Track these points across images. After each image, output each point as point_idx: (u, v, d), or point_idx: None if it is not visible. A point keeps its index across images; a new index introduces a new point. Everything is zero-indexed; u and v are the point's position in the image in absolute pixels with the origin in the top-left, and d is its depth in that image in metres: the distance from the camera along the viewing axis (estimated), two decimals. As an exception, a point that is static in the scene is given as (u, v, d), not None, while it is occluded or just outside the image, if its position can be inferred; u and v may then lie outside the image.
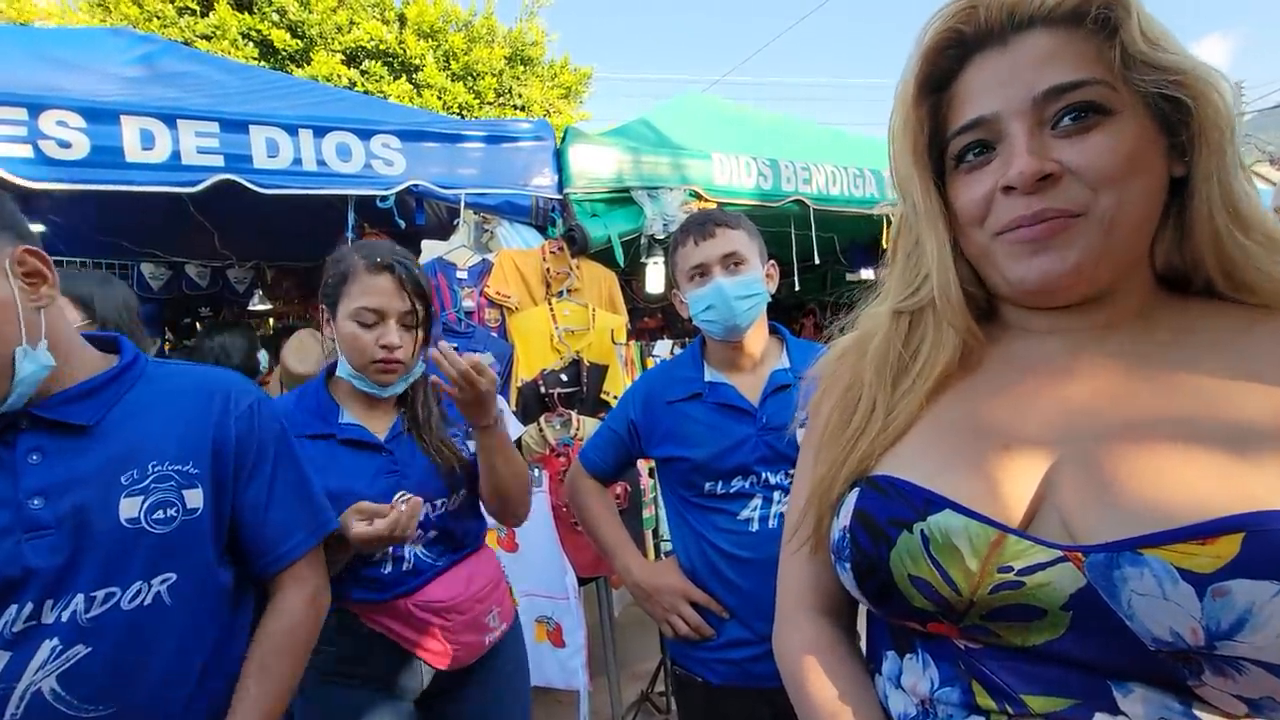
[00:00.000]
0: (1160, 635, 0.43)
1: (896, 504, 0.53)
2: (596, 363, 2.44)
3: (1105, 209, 0.49)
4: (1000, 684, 0.48)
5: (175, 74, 2.49)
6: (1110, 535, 0.45)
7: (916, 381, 0.59)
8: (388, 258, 1.17)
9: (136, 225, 3.74)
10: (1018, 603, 0.47)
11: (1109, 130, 0.49)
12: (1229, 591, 0.41)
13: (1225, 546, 0.41)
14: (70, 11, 6.89)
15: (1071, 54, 0.49)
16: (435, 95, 7.34)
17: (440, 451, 1.22)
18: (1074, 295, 0.53)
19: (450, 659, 1.19)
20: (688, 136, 2.94)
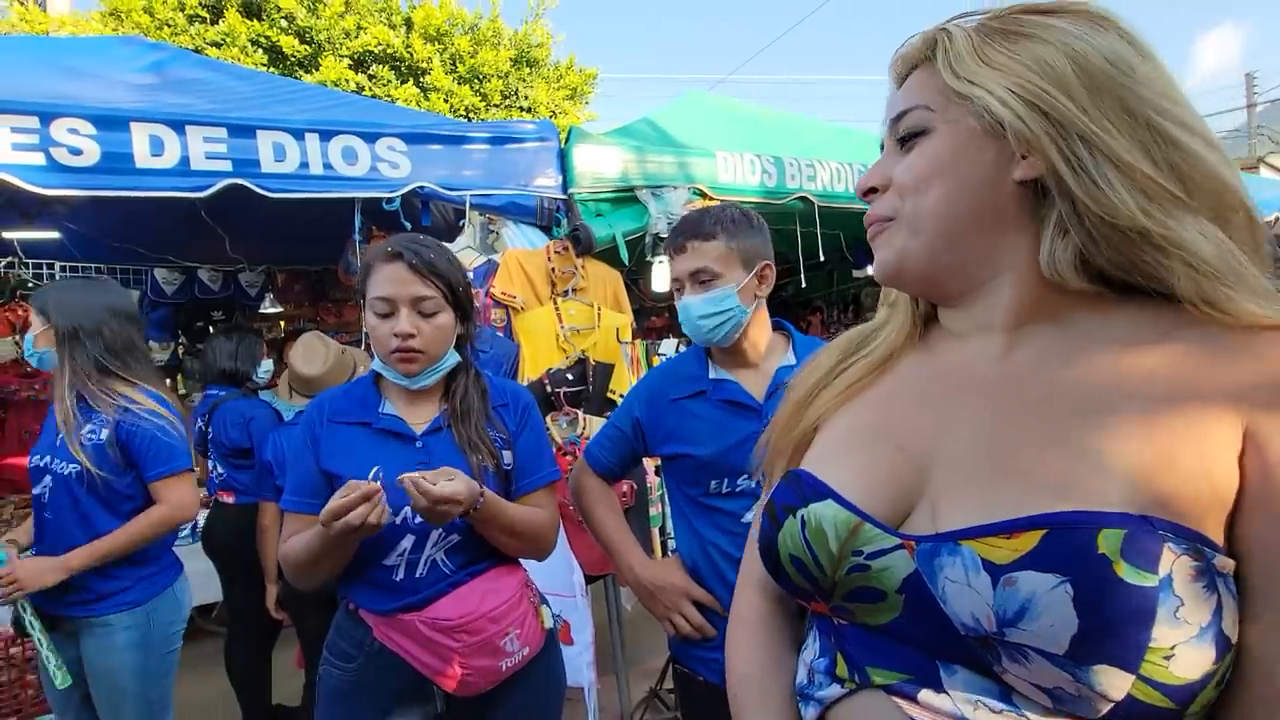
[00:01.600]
0: (966, 620, 0.47)
1: (792, 492, 0.60)
2: (602, 361, 2.45)
3: (907, 213, 0.57)
4: (853, 656, 0.54)
5: (185, 81, 2.52)
6: (949, 528, 0.50)
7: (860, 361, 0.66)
8: (397, 246, 1.16)
9: (150, 231, 3.80)
10: (865, 585, 0.53)
11: (920, 147, 0.57)
12: (1015, 581, 0.44)
13: (1025, 541, 0.45)
14: (83, 21, 7.00)
15: (912, 87, 0.59)
16: (442, 98, 7.38)
17: (474, 445, 1.18)
18: (915, 287, 0.61)
19: (460, 683, 1.11)
20: (692, 135, 2.95)
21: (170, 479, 1.62)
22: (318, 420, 1.21)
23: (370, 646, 1.15)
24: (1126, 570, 0.41)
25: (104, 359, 1.61)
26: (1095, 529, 0.43)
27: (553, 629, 1.26)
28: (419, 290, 1.15)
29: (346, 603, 1.20)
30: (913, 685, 0.50)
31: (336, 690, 1.18)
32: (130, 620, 1.61)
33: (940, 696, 0.48)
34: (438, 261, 1.17)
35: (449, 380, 1.25)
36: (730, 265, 1.24)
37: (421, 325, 1.16)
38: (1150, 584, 0.41)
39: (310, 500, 1.16)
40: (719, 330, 1.24)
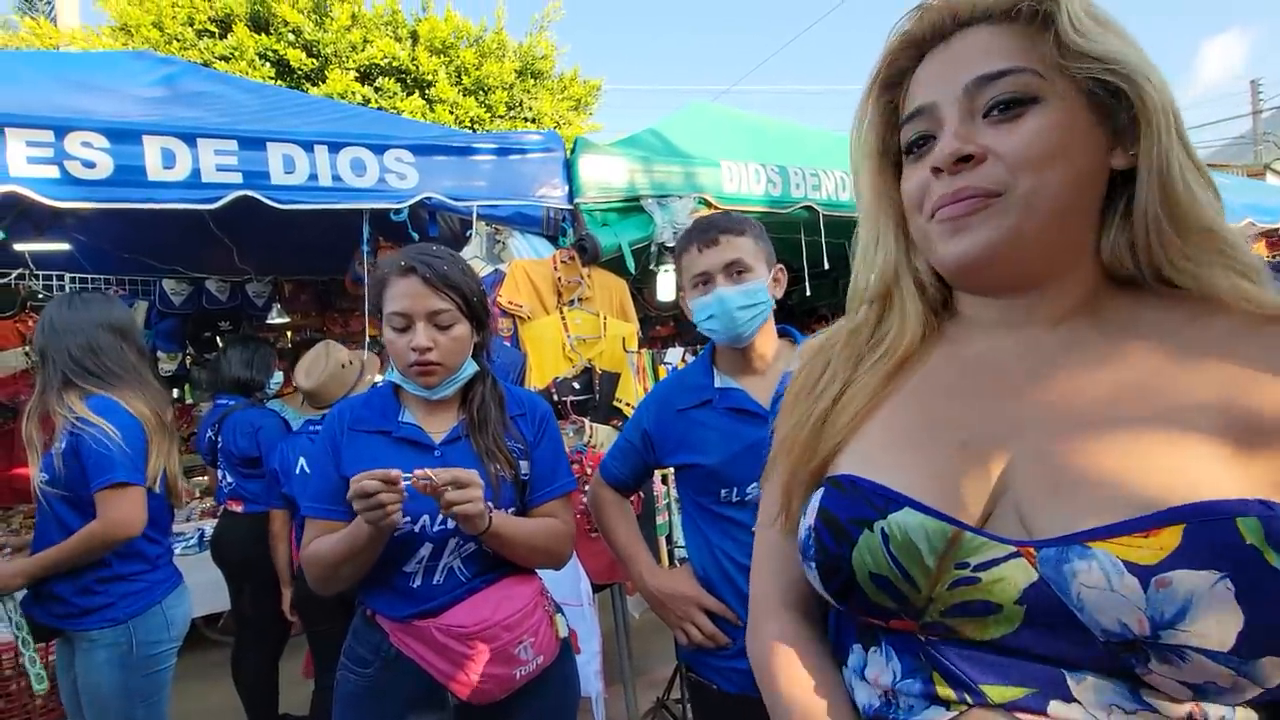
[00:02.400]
0: (1109, 626, 0.44)
1: (858, 503, 0.54)
2: (608, 370, 2.46)
3: (1023, 191, 0.50)
4: (960, 674, 0.49)
5: (195, 94, 2.56)
6: (1061, 530, 0.46)
7: (879, 362, 0.60)
8: (411, 260, 1.17)
9: (158, 243, 3.83)
10: (974, 599, 0.48)
11: (1034, 117, 0.51)
12: (1171, 582, 0.42)
13: (1168, 538, 0.42)
14: (94, 36, 7.09)
15: (1003, 46, 0.52)
16: (447, 110, 7.45)
17: (491, 454, 1.18)
18: (998, 276, 0.54)
19: (474, 691, 1.11)
20: (697, 145, 2.97)
21: (107, 491, 1.54)
22: (338, 428, 1.22)
23: (386, 652, 1.16)
24: (1275, 558, 0.41)
25: (68, 372, 1.60)
26: (1232, 518, 0.42)
27: (566, 638, 1.26)
28: (434, 304, 1.16)
29: (364, 609, 1.21)
30: (1038, 699, 0.46)
31: (353, 695, 1.19)
32: (113, 637, 1.58)
33: (1071, 706, 0.45)
34: (451, 273, 1.18)
35: (466, 389, 1.26)
36: (759, 260, 1.26)
37: (438, 338, 1.16)
38: None
39: (331, 507, 1.17)
40: (753, 323, 1.24)
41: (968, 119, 0.52)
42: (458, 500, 1.03)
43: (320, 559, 1.14)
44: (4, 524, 3.42)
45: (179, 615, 1.72)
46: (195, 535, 3.11)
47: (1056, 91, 0.51)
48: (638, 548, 1.37)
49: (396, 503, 1.02)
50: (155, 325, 4.50)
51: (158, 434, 1.66)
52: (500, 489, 1.17)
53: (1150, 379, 0.49)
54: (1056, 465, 0.48)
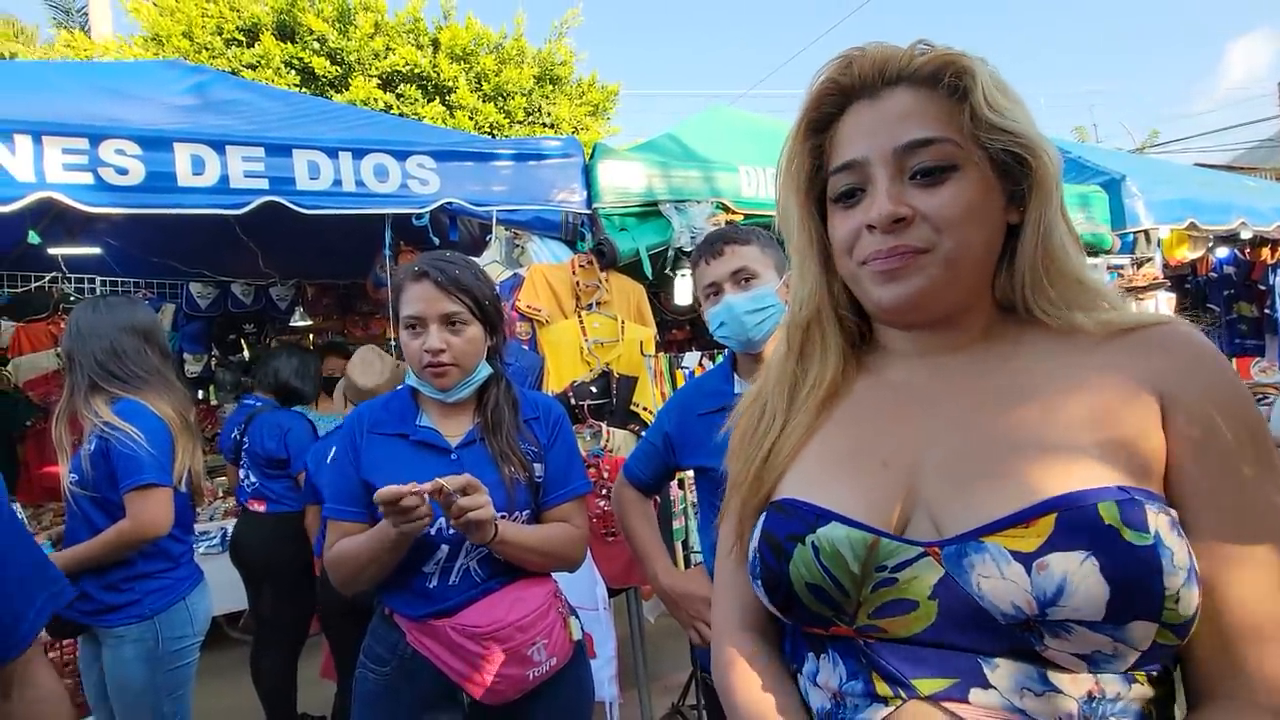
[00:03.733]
0: (1006, 610, 0.50)
1: (793, 521, 0.60)
2: (626, 374, 2.46)
3: (947, 249, 0.58)
4: (894, 672, 0.54)
5: (224, 102, 2.62)
6: (961, 528, 0.53)
7: (809, 394, 0.67)
8: (424, 265, 1.20)
9: (185, 247, 3.92)
10: (895, 598, 0.54)
11: (955, 183, 0.58)
12: (1048, 565, 0.49)
13: (1043, 527, 0.50)
14: (126, 46, 7.28)
15: (928, 112, 0.58)
16: (467, 116, 7.53)
17: (505, 457, 1.20)
18: (923, 316, 0.61)
19: (488, 690, 1.12)
20: (715, 150, 2.97)
21: (136, 492, 1.58)
22: (358, 431, 1.24)
23: (403, 651, 1.18)
24: (1130, 535, 0.48)
25: (94, 376, 1.64)
26: (1094, 504, 0.49)
27: (581, 641, 1.27)
28: (446, 306, 1.19)
29: (383, 608, 1.24)
30: (960, 688, 0.52)
31: (371, 694, 1.21)
32: (138, 633, 1.62)
33: (989, 693, 0.51)
34: (463, 277, 1.20)
35: (481, 392, 1.27)
36: (766, 267, 1.29)
37: (451, 340, 1.19)
38: (1148, 542, 0.48)
39: (351, 509, 1.20)
40: (762, 327, 1.26)
41: (897, 180, 0.59)
42: (468, 506, 1.04)
43: (344, 561, 1.16)
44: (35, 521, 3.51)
45: (201, 611, 1.76)
46: (218, 534, 3.17)
47: (971, 159, 0.58)
48: (656, 548, 1.39)
49: (424, 511, 1.04)
50: (182, 328, 4.60)
51: (182, 434, 1.70)
52: (514, 491, 1.19)
53: (1031, 392, 0.57)
54: (956, 472, 0.56)
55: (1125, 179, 3.70)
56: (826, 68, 0.63)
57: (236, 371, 4.81)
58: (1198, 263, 5.08)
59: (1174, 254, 4.13)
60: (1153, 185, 3.82)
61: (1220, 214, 3.92)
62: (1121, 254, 3.68)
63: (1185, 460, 0.53)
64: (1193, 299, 5.56)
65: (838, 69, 0.62)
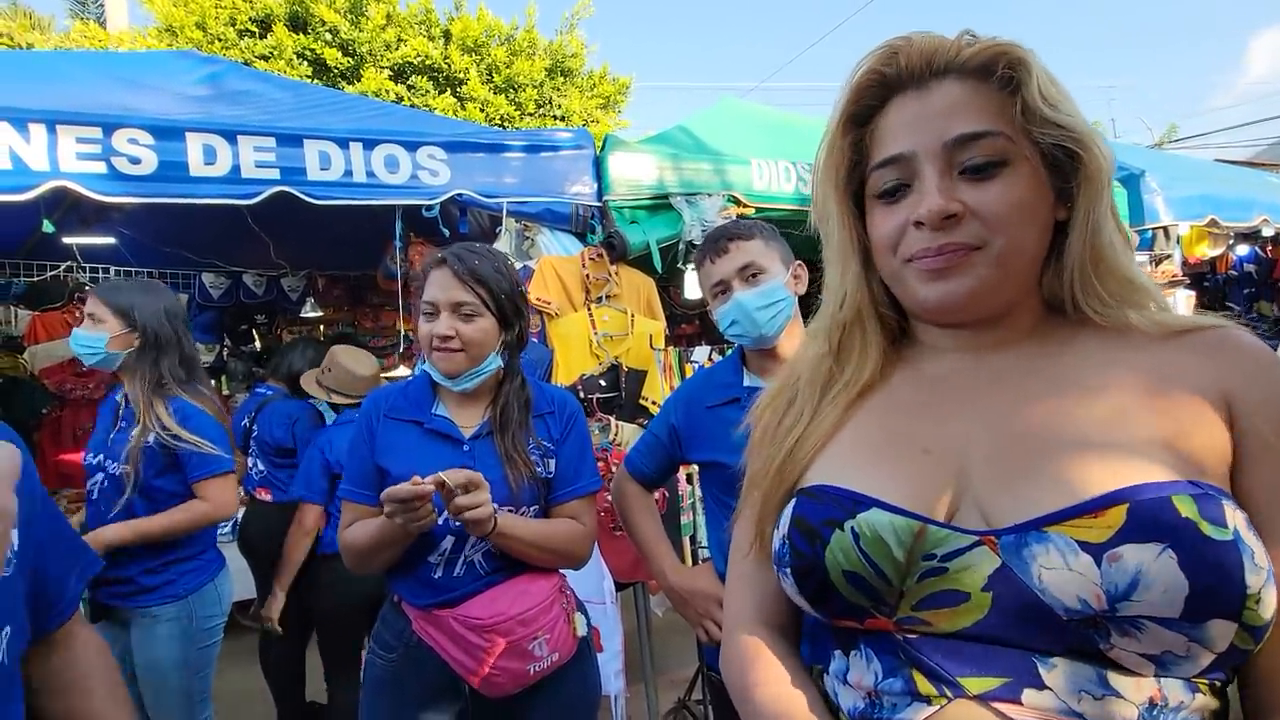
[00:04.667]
0: (1070, 604, 0.47)
1: (828, 506, 0.58)
2: (635, 368, 2.45)
3: (999, 247, 0.56)
4: (938, 669, 0.52)
5: (236, 93, 2.63)
6: (1018, 518, 0.51)
7: (842, 391, 0.65)
8: (446, 253, 1.21)
9: (198, 237, 3.94)
10: (943, 589, 0.52)
11: (1006, 179, 0.56)
12: (1121, 556, 0.46)
13: (1114, 517, 0.47)
14: (140, 38, 7.32)
15: (979, 105, 0.56)
16: (478, 108, 7.52)
17: (510, 458, 1.20)
18: (970, 316, 0.60)
19: (487, 683, 1.12)
20: (727, 142, 2.94)
21: (210, 480, 1.70)
22: (374, 415, 1.25)
23: (409, 639, 1.19)
24: (1209, 529, 0.45)
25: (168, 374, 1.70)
26: (1168, 496, 0.47)
27: (586, 637, 1.26)
28: (459, 295, 1.19)
29: (392, 595, 1.25)
30: (1012, 688, 0.49)
31: (379, 679, 1.22)
32: (174, 612, 1.68)
33: (1043, 694, 0.48)
34: (481, 268, 1.20)
35: (498, 386, 1.28)
36: (772, 260, 1.27)
37: (460, 327, 1.19)
38: (1228, 537, 0.46)
39: (366, 491, 1.21)
40: (774, 322, 1.25)
41: (946, 175, 0.56)
42: (464, 505, 1.05)
43: (356, 545, 1.18)
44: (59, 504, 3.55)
45: (227, 592, 1.84)
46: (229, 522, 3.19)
47: (1023, 154, 0.56)
48: (660, 544, 1.38)
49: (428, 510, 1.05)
50: (195, 318, 4.63)
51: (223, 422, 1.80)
52: (519, 490, 1.19)
53: (1085, 385, 0.55)
54: (1009, 462, 0.54)
55: (1144, 174, 3.64)
56: (869, 58, 0.60)
57: (248, 361, 4.84)
58: (1217, 260, 4.99)
59: (1193, 251, 4.06)
60: (1172, 181, 3.75)
61: (1241, 211, 3.85)
62: (1140, 251, 3.62)
63: (1254, 463, 0.51)
64: (1211, 297, 5.48)
65: (881, 59, 0.59)
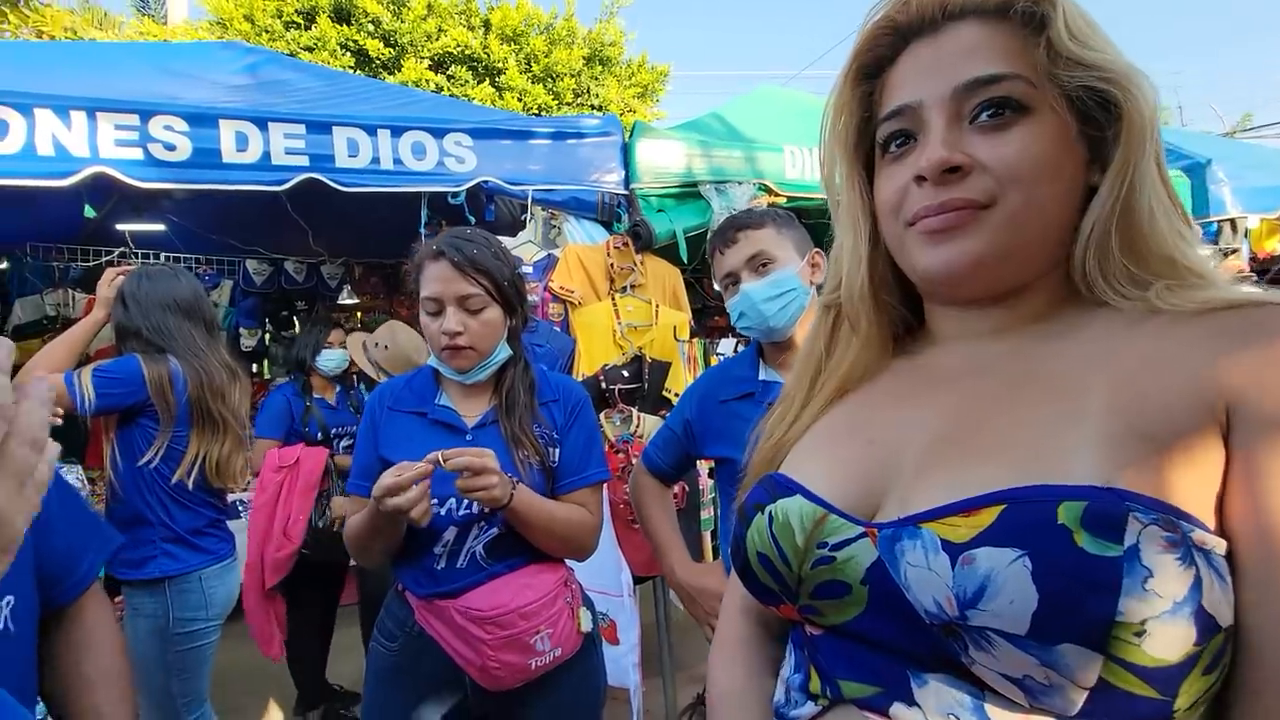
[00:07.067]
0: (929, 607, 0.44)
1: (761, 491, 0.58)
2: (659, 359, 2.41)
3: (1013, 205, 0.49)
4: (826, 668, 0.51)
5: (271, 82, 2.67)
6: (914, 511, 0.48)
7: (827, 381, 0.62)
8: (442, 244, 1.18)
9: (242, 225, 4.05)
10: (830, 578, 0.50)
11: (1025, 128, 0.49)
12: (974, 559, 0.42)
13: (984, 518, 0.43)
14: (193, 31, 7.56)
15: (996, 47, 0.50)
16: (516, 97, 7.54)
17: (518, 440, 1.18)
18: (978, 289, 0.53)
19: (487, 676, 1.11)
20: (760, 130, 2.86)
21: None
22: (378, 408, 1.25)
23: (411, 629, 1.19)
24: (1087, 540, 0.40)
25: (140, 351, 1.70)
26: (1056, 502, 0.41)
27: (591, 633, 1.24)
28: (464, 288, 1.16)
29: (396, 584, 1.25)
30: (883, 699, 0.47)
31: (382, 669, 1.22)
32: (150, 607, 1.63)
33: (911, 710, 0.46)
34: (481, 257, 1.17)
35: (500, 373, 1.26)
36: (784, 249, 1.22)
37: (468, 322, 1.17)
38: (1113, 554, 0.39)
39: (369, 484, 1.19)
40: (784, 314, 1.20)
41: (954, 124, 0.51)
42: (470, 488, 1.03)
43: (355, 535, 1.17)
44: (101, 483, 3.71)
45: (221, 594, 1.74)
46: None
47: (1046, 101, 0.49)
48: (672, 539, 1.35)
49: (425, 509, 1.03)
50: (239, 303, 4.78)
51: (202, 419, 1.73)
52: (527, 474, 1.17)
53: (1049, 376, 0.49)
54: (934, 455, 0.51)
55: (1210, 163, 3.41)
56: (882, 5, 0.55)
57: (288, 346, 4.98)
58: (1290, 256, 4.66)
59: (1264, 245, 3.79)
60: (1242, 171, 3.52)
61: (1319, 202, 3.58)
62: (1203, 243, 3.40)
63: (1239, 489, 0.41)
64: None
65: (895, 6, 0.54)
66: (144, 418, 1.68)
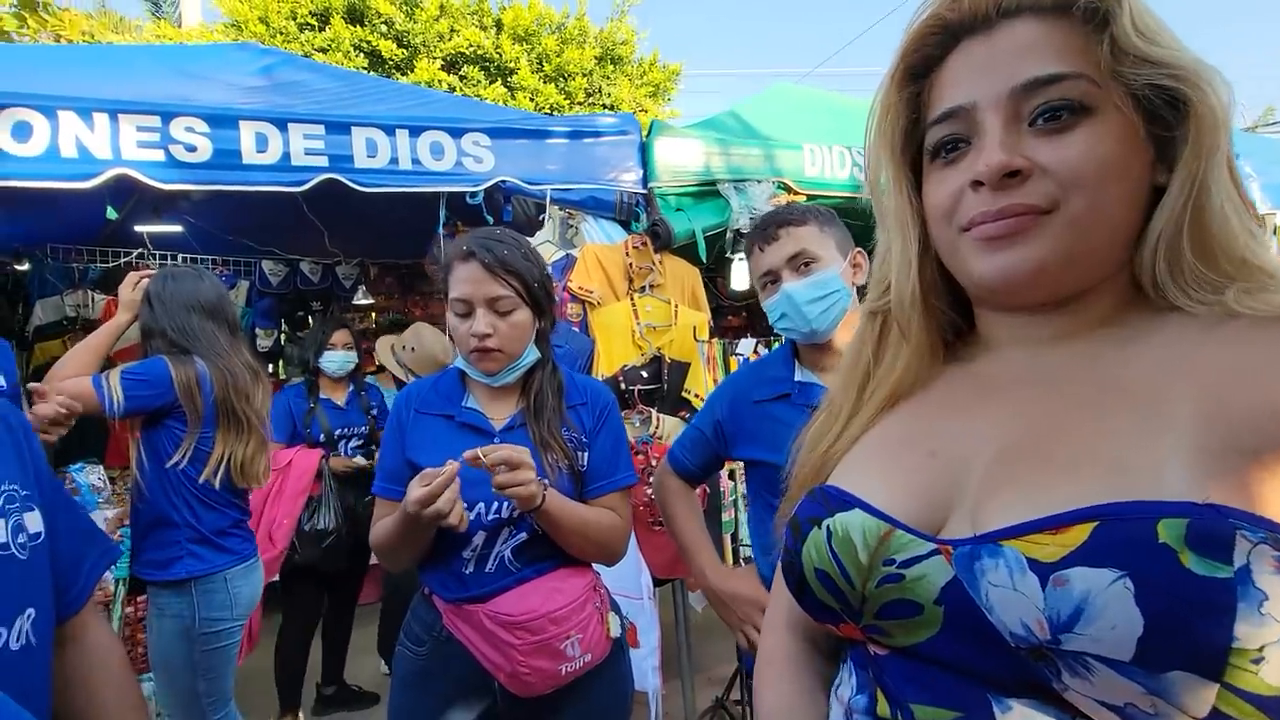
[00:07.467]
0: (1015, 630, 0.42)
1: (816, 504, 0.56)
2: (678, 360, 2.39)
3: (1076, 210, 0.47)
4: (895, 691, 0.48)
5: (288, 83, 2.67)
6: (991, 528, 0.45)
7: (876, 390, 0.60)
8: (472, 245, 1.16)
9: (259, 225, 4.06)
10: (899, 597, 0.48)
11: (1088, 129, 0.47)
12: (1067, 580, 0.40)
13: (1074, 535, 0.40)
14: (208, 34, 7.62)
15: (1056, 45, 0.48)
16: (528, 97, 7.54)
17: (546, 443, 1.16)
18: (1038, 296, 0.51)
19: (517, 682, 1.09)
20: (777, 128, 2.83)
21: None
22: (405, 410, 1.24)
23: (439, 633, 1.18)
24: (1194, 560, 0.37)
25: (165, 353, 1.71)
26: (1154, 519, 0.39)
27: (620, 638, 1.22)
28: (494, 290, 1.14)
29: (423, 587, 1.23)
30: None
31: (409, 674, 1.21)
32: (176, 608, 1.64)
33: None
34: (511, 258, 1.15)
35: (528, 376, 1.24)
36: (827, 248, 1.18)
37: (498, 324, 1.15)
38: (1224, 575, 0.36)
39: (396, 487, 1.18)
40: (827, 315, 1.17)
41: (1012, 126, 0.49)
42: (507, 483, 1.02)
43: (382, 538, 1.16)
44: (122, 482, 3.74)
45: (245, 593, 1.74)
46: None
47: (1110, 100, 0.47)
48: (701, 542, 1.32)
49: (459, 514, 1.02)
50: (255, 303, 4.81)
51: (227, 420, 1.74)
52: (556, 478, 1.15)
53: (1125, 385, 0.47)
54: (1007, 469, 0.48)
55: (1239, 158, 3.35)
56: (930, 3, 0.53)
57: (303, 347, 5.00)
58: (1318, 253, 4.57)
59: (1292, 242, 3.72)
60: (1269, 166, 3.45)
61: (1350, 198, 3.51)
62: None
63: None
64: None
65: (945, 3, 0.52)
66: (171, 419, 1.69)
